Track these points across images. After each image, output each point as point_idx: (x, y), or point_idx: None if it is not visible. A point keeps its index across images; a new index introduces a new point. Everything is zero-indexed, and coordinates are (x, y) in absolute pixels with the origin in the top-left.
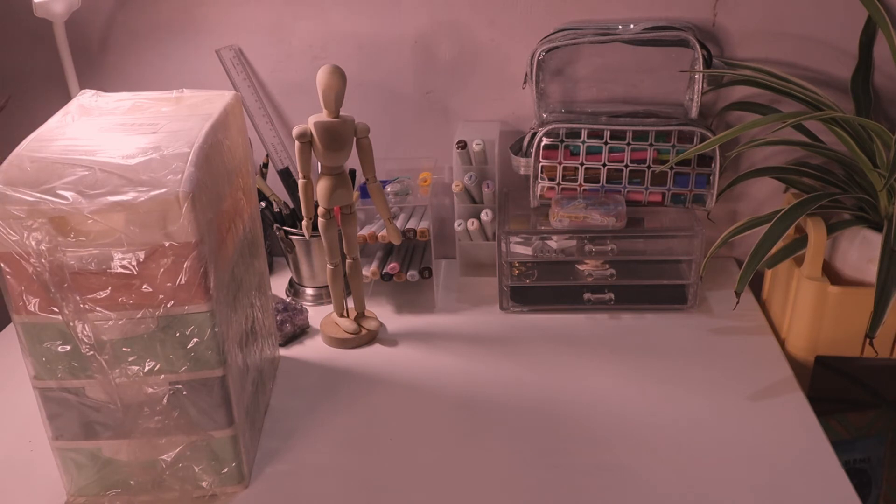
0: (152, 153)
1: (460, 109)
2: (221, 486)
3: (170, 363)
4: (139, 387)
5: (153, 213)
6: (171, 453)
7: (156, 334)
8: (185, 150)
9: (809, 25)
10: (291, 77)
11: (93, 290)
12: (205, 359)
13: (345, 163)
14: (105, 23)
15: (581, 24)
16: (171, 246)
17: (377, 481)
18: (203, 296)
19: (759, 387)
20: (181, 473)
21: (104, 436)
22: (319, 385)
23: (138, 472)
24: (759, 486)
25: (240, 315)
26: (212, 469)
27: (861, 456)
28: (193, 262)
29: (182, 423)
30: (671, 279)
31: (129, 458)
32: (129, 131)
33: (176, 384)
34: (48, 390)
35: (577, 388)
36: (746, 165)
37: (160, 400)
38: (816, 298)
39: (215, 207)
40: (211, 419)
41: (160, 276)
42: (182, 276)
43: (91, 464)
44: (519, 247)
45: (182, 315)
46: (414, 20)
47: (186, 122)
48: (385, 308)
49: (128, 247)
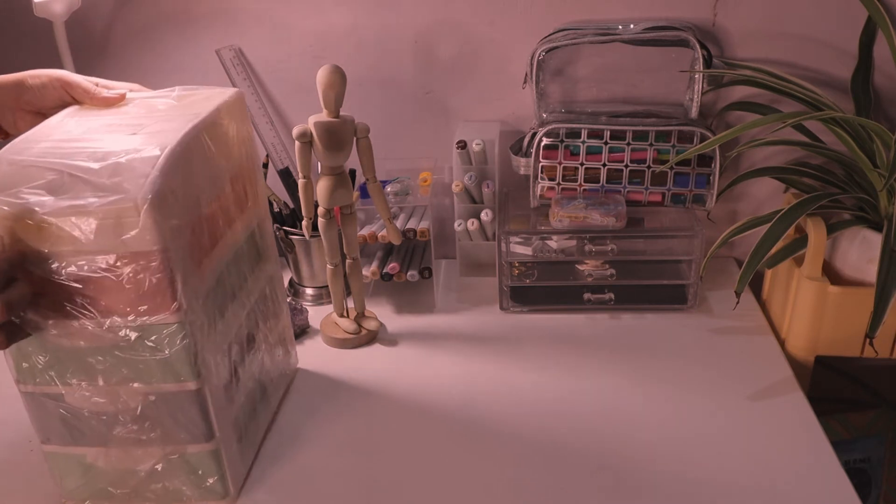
0: (123, 156)
1: (460, 109)
2: (202, 499)
3: (140, 374)
4: (111, 396)
5: (109, 221)
6: (148, 464)
7: (127, 344)
8: (156, 154)
9: (809, 25)
10: (291, 77)
11: (60, 298)
12: (176, 370)
13: (345, 163)
14: (105, 23)
15: (581, 24)
16: (132, 254)
17: (377, 482)
18: (170, 306)
19: (759, 387)
20: (160, 485)
21: (84, 442)
22: (319, 385)
23: (118, 482)
24: (759, 486)
25: (229, 323)
26: (191, 482)
27: (861, 456)
28: (157, 271)
29: (158, 435)
30: (671, 279)
31: (107, 467)
32: (112, 132)
33: (148, 395)
34: (31, 394)
35: (576, 388)
36: (746, 165)
37: (134, 410)
38: (816, 298)
39: (190, 213)
40: (188, 432)
41: (125, 285)
42: (145, 284)
43: (78, 469)
44: (519, 247)
45: (149, 325)
46: (414, 20)
47: (172, 122)
48: (385, 308)
49: (88, 254)
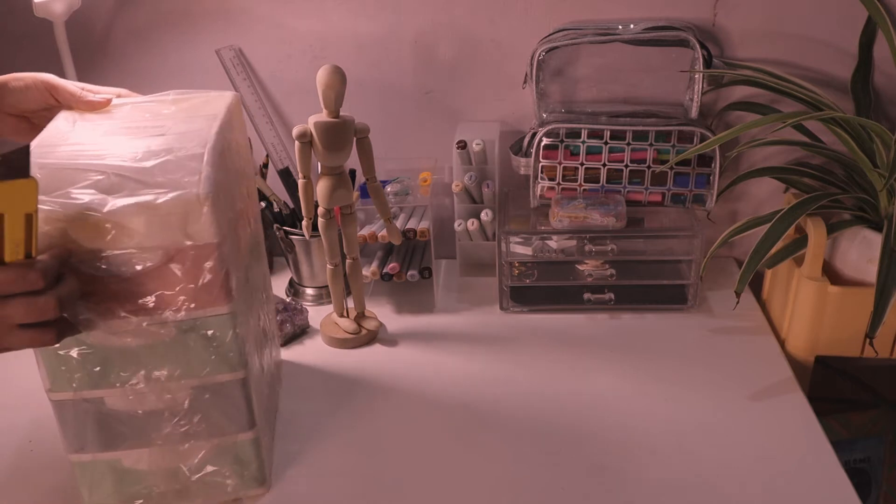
0: (165, 155)
1: (460, 109)
2: (245, 489)
3: (191, 367)
4: (160, 393)
5: (174, 215)
6: (194, 459)
7: (177, 338)
8: (199, 151)
9: (809, 25)
10: (291, 77)
11: (111, 295)
12: (227, 361)
13: (345, 163)
14: (105, 23)
15: (581, 24)
16: (193, 247)
17: (377, 481)
18: (225, 297)
19: (759, 387)
20: (205, 479)
21: (124, 446)
22: (319, 385)
23: (160, 481)
24: (759, 486)
25: (254, 316)
26: (234, 473)
27: (861, 456)
28: (215, 263)
29: (204, 428)
30: (671, 279)
31: (150, 468)
32: (135, 134)
33: (198, 388)
34: (65, 402)
35: (577, 388)
36: (746, 165)
37: (181, 405)
38: (816, 298)
39: (232, 207)
40: (234, 422)
41: (181, 279)
42: (203, 277)
43: (111, 475)
44: (519, 247)
45: (204, 318)
46: (414, 20)
47: (192, 123)
48: (385, 308)
49: (147, 250)
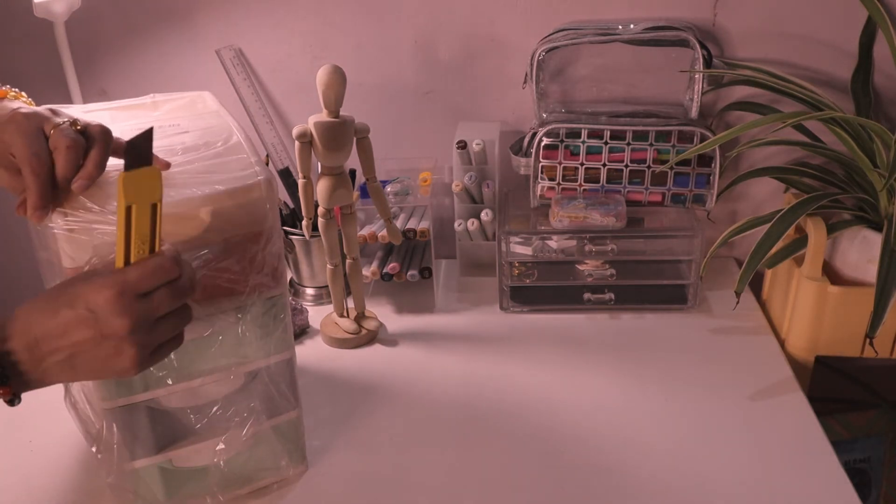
0: (209, 148)
1: (460, 109)
2: (289, 467)
3: (246, 353)
4: (217, 384)
5: (240, 204)
6: (244, 444)
7: (234, 324)
8: (237, 142)
9: (809, 25)
10: (291, 77)
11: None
12: (280, 342)
13: (345, 163)
14: (105, 23)
15: (581, 24)
16: (252, 233)
17: (378, 481)
18: (279, 280)
19: (759, 387)
20: (258, 464)
21: (178, 445)
22: (319, 385)
23: (218, 473)
24: (760, 485)
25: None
26: (279, 453)
27: (861, 456)
28: (272, 248)
29: (259, 411)
30: (671, 279)
31: (206, 462)
32: (156, 133)
33: (254, 373)
34: (120, 409)
35: (576, 387)
36: (746, 165)
37: (237, 393)
38: (816, 298)
39: None
40: (286, 401)
41: (242, 265)
42: (262, 262)
43: (161, 476)
44: (519, 247)
45: (260, 301)
46: (414, 20)
47: (201, 121)
48: (385, 308)
49: (211, 239)
